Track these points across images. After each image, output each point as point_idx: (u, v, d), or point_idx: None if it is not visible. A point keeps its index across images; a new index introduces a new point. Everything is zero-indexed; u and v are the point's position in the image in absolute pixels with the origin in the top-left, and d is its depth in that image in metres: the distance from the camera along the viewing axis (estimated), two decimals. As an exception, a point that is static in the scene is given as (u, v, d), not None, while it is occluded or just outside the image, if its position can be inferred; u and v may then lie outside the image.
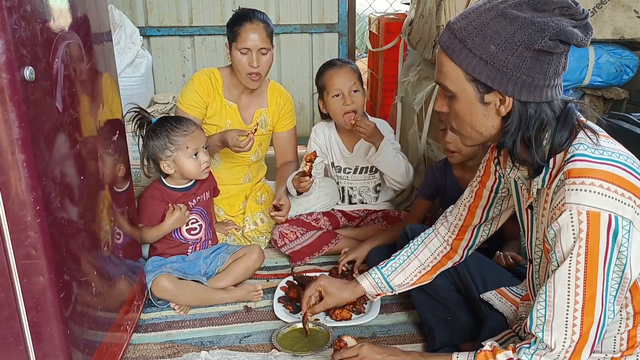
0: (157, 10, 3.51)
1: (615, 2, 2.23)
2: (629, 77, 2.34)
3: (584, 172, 1.02)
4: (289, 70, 3.74)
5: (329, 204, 2.43)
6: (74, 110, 1.29)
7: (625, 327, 1.13)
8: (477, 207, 1.47)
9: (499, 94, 1.08)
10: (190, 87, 2.30)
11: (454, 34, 1.09)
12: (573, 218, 1.00)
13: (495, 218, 1.49)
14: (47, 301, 1.18)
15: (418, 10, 2.72)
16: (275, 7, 3.59)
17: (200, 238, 2.09)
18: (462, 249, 1.54)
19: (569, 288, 1.03)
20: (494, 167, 1.40)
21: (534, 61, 1.04)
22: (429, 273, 1.58)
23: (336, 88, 2.19)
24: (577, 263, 1.01)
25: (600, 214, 0.98)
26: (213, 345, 1.76)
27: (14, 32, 1.02)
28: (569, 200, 1.00)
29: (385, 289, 1.61)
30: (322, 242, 2.29)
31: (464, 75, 1.09)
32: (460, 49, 1.08)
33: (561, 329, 1.05)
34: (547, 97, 1.08)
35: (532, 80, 1.05)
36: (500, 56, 1.04)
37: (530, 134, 1.09)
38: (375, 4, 4.79)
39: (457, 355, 1.22)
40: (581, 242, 0.99)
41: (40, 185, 1.11)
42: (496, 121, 1.13)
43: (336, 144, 2.39)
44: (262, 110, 2.41)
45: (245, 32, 2.14)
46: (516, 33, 1.03)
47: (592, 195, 0.99)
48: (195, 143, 1.95)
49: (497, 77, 1.06)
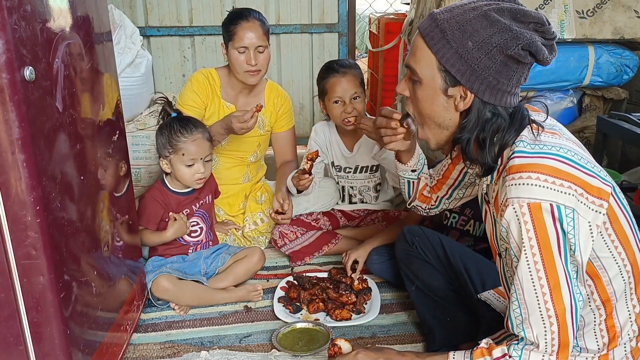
0: (157, 10, 3.51)
1: (615, 2, 2.24)
2: (629, 77, 2.34)
3: (522, 167, 1.06)
4: (289, 70, 3.73)
5: (329, 204, 2.43)
6: (74, 110, 1.29)
7: (599, 317, 1.15)
8: (444, 184, 1.56)
9: (463, 89, 1.12)
10: (188, 87, 2.30)
11: (436, 23, 1.12)
12: (516, 211, 1.04)
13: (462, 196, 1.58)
14: (47, 301, 1.18)
15: (418, 10, 2.72)
16: (275, 7, 3.59)
17: (200, 240, 2.09)
18: (437, 197, 1.61)
19: (533, 281, 1.06)
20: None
21: (503, 66, 1.09)
22: (422, 189, 1.64)
23: (337, 96, 2.18)
24: (533, 255, 1.04)
25: (541, 204, 1.02)
26: (213, 345, 1.76)
27: (14, 32, 1.02)
28: (509, 195, 1.05)
29: (419, 165, 1.61)
30: (322, 242, 2.29)
31: (437, 64, 1.13)
32: (439, 39, 1.11)
33: (539, 323, 1.08)
34: (506, 103, 1.13)
35: (496, 83, 1.10)
36: (475, 54, 1.08)
37: (486, 135, 1.13)
38: (375, 4, 4.79)
39: (454, 354, 1.23)
40: (529, 232, 1.03)
41: (40, 185, 1.11)
42: (454, 115, 1.17)
43: (336, 144, 2.39)
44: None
45: (242, 30, 2.14)
46: (494, 35, 1.07)
47: (530, 188, 1.03)
48: (193, 153, 1.92)
49: (467, 72, 1.10)
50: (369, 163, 2.38)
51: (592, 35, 2.25)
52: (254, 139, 2.43)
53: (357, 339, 1.77)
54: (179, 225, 1.98)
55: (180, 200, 2.02)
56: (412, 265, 1.76)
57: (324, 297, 1.92)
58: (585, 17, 2.24)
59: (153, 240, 1.98)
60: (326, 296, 1.92)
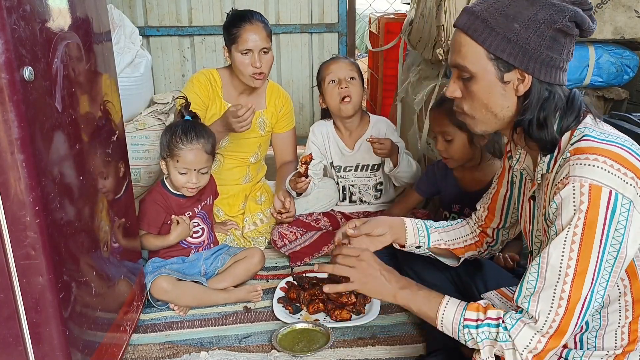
0: (157, 10, 3.51)
1: (615, 2, 2.23)
2: (629, 77, 2.34)
3: (589, 149, 1.04)
4: (288, 70, 3.73)
5: (329, 204, 2.43)
6: (73, 110, 1.28)
7: (625, 319, 1.13)
8: (495, 209, 1.52)
9: (519, 72, 1.12)
10: (189, 88, 2.30)
11: (475, 15, 1.12)
12: (575, 190, 1.02)
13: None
14: (47, 301, 1.18)
15: (418, 10, 2.71)
16: (275, 7, 3.59)
17: (202, 241, 2.09)
18: (492, 230, 1.55)
19: (562, 260, 1.04)
20: (507, 162, 1.44)
21: (552, 41, 1.09)
22: (461, 249, 1.58)
23: (332, 74, 2.21)
24: (574, 235, 1.03)
25: (602, 188, 1.00)
26: (213, 345, 1.75)
27: (14, 32, 1.01)
28: (573, 173, 1.03)
29: (423, 240, 1.57)
30: (322, 242, 2.29)
31: (486, 54, 1.12)
32: (483, 29, 1.11)
33: (547, 300, 1.06)
34: (560, 80, 1.13)
35: (550, 60, 1.10)
36: (524, 34, 1.08)
37: (546, 114, 1.12)
38: (375, 4, 4.79)
39: (448, 299, 1.23)
40: (580, 213, 1.01)
41: (39, 186, 1.10)
42: (513, 101, 1.16)
43: (335, 143, 2.39)
44: (260, 111, 2.41)
45: (246, 33, 2.14)
46: (539, 12, 1.08)
47: (596, 170, 1.01)
48: (187, 162, 1.91)
49: (519, 54, 1.10)
50: (370, 162, 2.38)
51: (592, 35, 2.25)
52: (254, 140, 2.43)
53: (357, 339, 1.77)
54: (182, 228, 1.97)
55: (182, 202, 2.02)
56: (415, 266, 1.76)
57: (324, 298, 1.92)
58: (586, 17, 2.24)
59: (156, 244, 1.97)
60: (326, 297, 1.92)
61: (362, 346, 1.73)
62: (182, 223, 1.96)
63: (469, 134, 1.88)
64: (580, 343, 1.19)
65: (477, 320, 1.16)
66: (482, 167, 1.99)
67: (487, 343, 1.13)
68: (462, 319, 1.18)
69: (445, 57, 2.36)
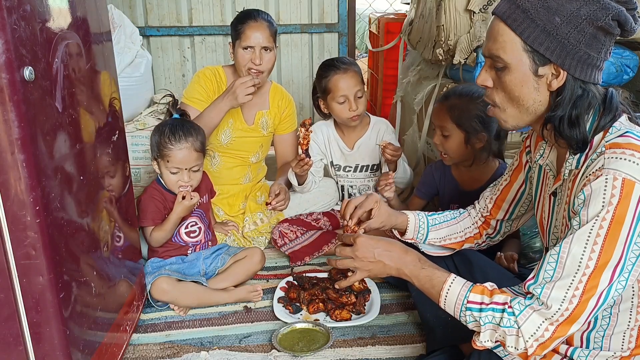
0: (157, 10, 3.51)
1: (615, 2, 2.23)
2: (629, 77, 2.33)
3: (626, 145, 1.03)
4: (288, 70, 3.73)
5: (329, 203, 2.43)
6: (74, 110, 1.28)
7: (635, 321, 1.12)
8: (504, 201, 1.51)
9: (554, 67, 1.10)
10: (196, 81, 2.32)
11: (517, 4, 1.10)
12: (608, 183, 1.01)
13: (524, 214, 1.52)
14: (47, 301, 1.18)
15: (418, 10, 2.71)
16: (275, 7, 3.59)
17: (199, 240, 2.09)
18: (496, 222, 1.55)
19: (584, 251, 1.02)
20: (525, 157, 1.43)
21: (592, 39, 1.07)
22: (458, 243, 1.59)
23: (342, 95, 2.18)
24: (600, 227, 1.01)
25: (635, 184, 0.99)
26: (213, 345, 1.75)
27: (14, 32, 1.01)
28: (607, 166, 1.02)
29: (421, 237, 1.57)
30: (322, 242, 2.29)
31: (522, 45, 1.10)
32: (523, 19, 1.09)
33: (563, 289, 1.04)
34: (595, 79, 1.11)
35: (587, 58, 1.08)
36: (564, 29, 1.06)
37: (579, 112, 1.10)
38: (375, 4, 4.79)
39: (454, 278, 1.21)
40: (610, 207, 1.00)
41: (39, 185, 1.10)
42: (545, 96, 1.14)
43: (335, 142, 2.39)
44: (263, 112, 2.41)
45: (249, 29, 2.16)
46: (582, 8, 1.05)
47: (631, 165, 1.00)
48: (177, 162, 1.90)
49: (557, 49, 1.07)
50: (369, 162, 2.38)
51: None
52: (256, 139, 2.43)
53: (357, 339, 1.77)
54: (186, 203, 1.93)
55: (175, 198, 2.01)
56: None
57: (324, 298, 1.92)
58: (586, 17, 2.25)
59: (163, 231, 1.95)
60: (326, 296, 1.92)
61: (362, 346, 1.73)
62: (187, 198, 1.92)
63: (466, 134, 1.88)
64: (587, 342, 1.18)
65: (482, 304, 1.14)
66: (480, 166, 1.99)
67: (490, 327, 1.11)
68: (466, 301, 1.16)
69: (445, 57, 2.36)
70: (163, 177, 1.96)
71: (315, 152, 2.37)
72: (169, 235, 1.98)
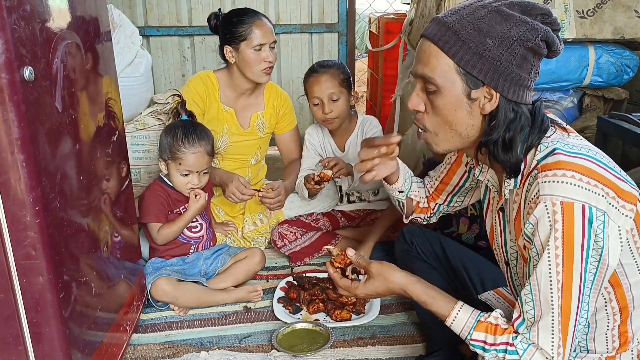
0: (157, 10, 3.51)
1: (615, 2, 2.23)
2: (629, 77, 2.34)
3: (556, 165, 1.03)
4: (288, 70, 3.73)
5: (329, 204, 2.43)
6: (74, 110, 1.28)
7: (614, 322, 1.13)
8: (443, 190, 1.54)
9: (487, 90, 1.09)
10: (185, 94, 2.25)
11: (447, 26, 1.08)
12: (548, 209, 1.00)
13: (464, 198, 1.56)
14: (47, 301, 1.18)
15: (418, 10, 2.71)
16: (275, 7, 3.59)
17: (202, 236, 2.09)
18: (435, 205, 1.60)
19: (551, 283, 1.02)
20: (465, 158, 1.43)
21: (523, 60, 1.06)
22: (420, 209, 1.62)
23: (315, 97, 2.18)
24: (556, 256, 1.01)
25: (573, 204, 0.99)
26: (213, 345, 1.75)
27: (14, 31, 1.01)
28: (542, 192, 1.02)
29: (407, 186, 1.57)
30: (322, 242, 2.28)
31: (455, 67, 1.08)
32: (455, 41, 1.07)
33: (548, 330, 1.05)
34: (526, 100, 1.10)
35: (519, 79, 1.07)
36: (496, 50, 1.05)
37: (512, 134, 1.10)
38: (375, 4, 4.80)
39: (460, 308, 1.18)
40: (557, 232, 1.00)
41: (39, 185, 1.10)
42: (478, 120, 1.13)
43: (329, 145, 2.39)
44: (258, 113, 2.40)
45: (258, 29, 2.15)
46: (512, 29, 1.05)
47: (565, 186, 1.00)
48: (190, 165, 1.92)
49: (489, 70, 1.06)
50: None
51: (592, 35, 2.24)
52: (254, 142, 2.43)
53: (357, 339, 1.77)
54: (202, 200, 1.96)
55: (179, 197, 2.02)
56: (412, 265, 1.76)
57: (324, 298, 1.92)
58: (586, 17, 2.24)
59: (176, 227, 1.96)
60: (326, 297, 1.92)
61: (362, 346, 1.73)
62: (201, 197, 1.95)
63: None
64: None
65: (485, 343, 1.13)
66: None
67: None
68: (470, 338, 1.15)
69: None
70: (172, 178, 1.96)
71: (312, 154, 2.38)
72: (178, 233, 1.99)
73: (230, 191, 2.11)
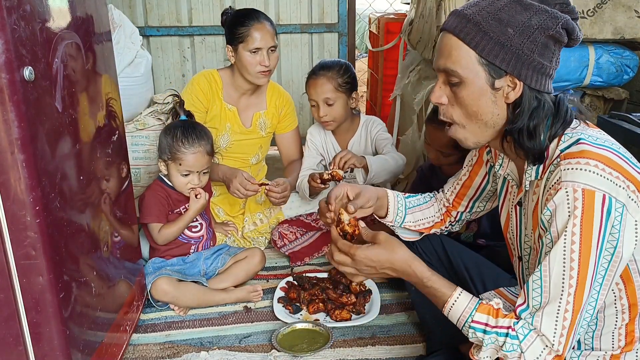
0: (157, 10, 3.51)
1: (615, 2, 2.23)
2: (629, 77, 2.34)
3: (580, 153, 1.03)
4: (288, 70, 3.73)
5: (329, 204, 2.43)
6: (74, 110, 1.28)
7: (622, 321, 1.13)
8: (465, 195, 1.52)
9: (510, 79, 1.09)
10: (189, 90, 2.29)
11: (467, 18, 1.09)
12: (569, 195, 1.00)
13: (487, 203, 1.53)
14: (47, 301, 1.18)
15: (418, 10, 2.71)
16: (275, 7, 3.59)
17: (202, 236, 2.09)
18: (457, 213, 1.56)
19: (564, 269, 1.02)
20: (486, 156, 1.42)
21: (544, 48, 1.08)
22: (427, 229, 1.59)
23: (311, 99, 2.21)
24: (572, 243, 1.00)
25: (595, 193, 0.99)
26: (213, 345, 1.75)
27: (14, 32, 1.01)
28: (564, 179, 1.02)
29: (399, 220, 1.54)
30: (322, 242, 2.29)
31: (477, 58, 1.09)
32: (475, 32, 1.08)
33: (552, 316, 1.03)
34: (548, 88, 1.11)
35: (541, 67, 1.08)
36: (517, 39, 1.06)
37: (536, 122, 1.10)
38: (375, 4, 4.79)
39: (459, 294, 1.18)
40: (575, 219, 1.00)
41: (39, 186, 1.10)
42: (503, 109, 1.13)
43: (331, 144, 2.40)
44: (261, 112, 2.41)
45: (256, 32, 2.14)
46: (532, 18, 1.06)
47: (588, 174, 1.00)
48: (190, 165, 1.92)
49: (512, 60, 1.07)
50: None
51: (592, 35, 2.24)
52: (255, 141, 2.43)
53: (357, 339, 1.77)
54: (203, 201, 1.96)
55: (179, 196, 2.02)
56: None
57: (324, 298, 1.92)
58: (586, 17, 2.24)
59: (176, 227, 1.96)
60: (326, 297, 1.92)
61: (362, 346, 1.73)
62: (201, 197, 1.95)
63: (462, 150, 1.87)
64: (577, 343, 1.18)
65: (487, 326, 1.11)
66: None
67: (492, 347, 1.11)
68: (470, 319, 1.13)
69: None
70: (172, 178, 1.96)
71: (314, 153, 2.38)
72: (179, 233, 1.99)
73: (234, 187, 2.10)
